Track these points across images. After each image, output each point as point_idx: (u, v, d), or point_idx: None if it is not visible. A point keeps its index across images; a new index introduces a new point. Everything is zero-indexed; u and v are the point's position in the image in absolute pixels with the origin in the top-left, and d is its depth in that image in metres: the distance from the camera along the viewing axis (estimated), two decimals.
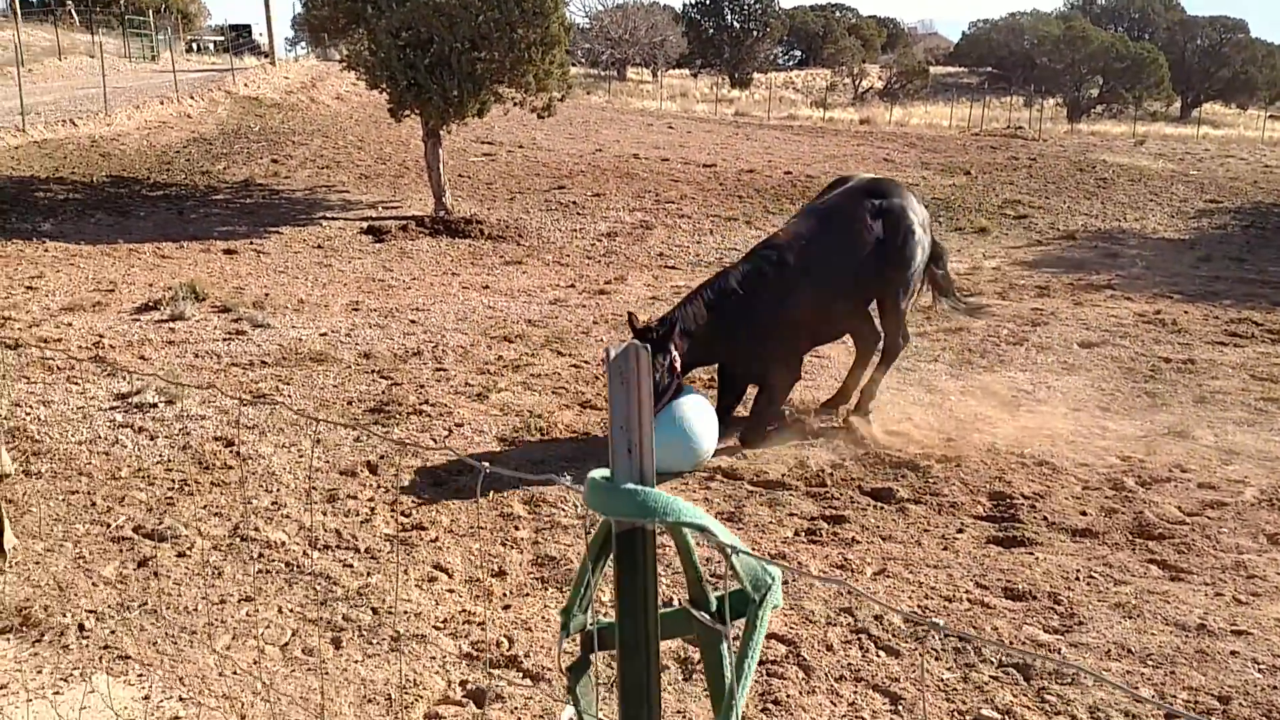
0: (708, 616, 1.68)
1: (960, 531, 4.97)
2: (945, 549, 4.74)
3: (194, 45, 45.42)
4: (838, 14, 72.28)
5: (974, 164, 22.79)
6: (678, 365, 5.77)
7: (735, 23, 60.92)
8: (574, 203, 16.51)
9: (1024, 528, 5.00)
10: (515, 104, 15.28)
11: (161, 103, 21.35)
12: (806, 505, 5.29)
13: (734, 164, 21.08)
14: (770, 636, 3.88)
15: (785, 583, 4.22)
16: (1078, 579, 4.40)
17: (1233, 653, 3.71)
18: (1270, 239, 15.57)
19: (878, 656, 3.74)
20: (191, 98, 22.23)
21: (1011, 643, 3.81)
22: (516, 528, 4.94)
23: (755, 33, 60.54)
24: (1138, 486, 5.62)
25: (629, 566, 1.61)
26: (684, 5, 62.60)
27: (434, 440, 6.19)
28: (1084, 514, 5.21)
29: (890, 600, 4.16)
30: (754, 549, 4.70)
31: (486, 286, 11.09)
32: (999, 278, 12.44)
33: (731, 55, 59.69)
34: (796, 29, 66.44)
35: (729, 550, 1.58)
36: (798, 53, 69.83)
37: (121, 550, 4.48)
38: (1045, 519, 5.12)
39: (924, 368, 8.23)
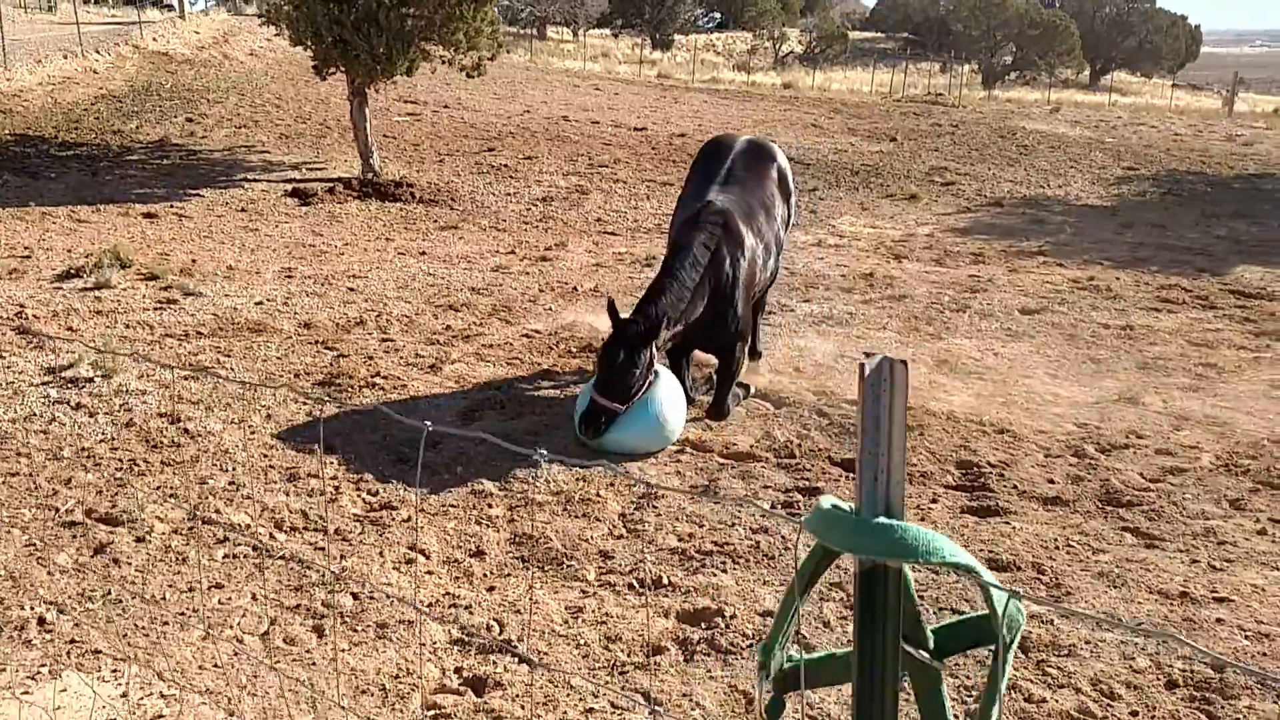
0: (926, 655, 1.54)
1: (934, 501, 5.00)
2: (923, 519, 4.75)
3: None
4: None
5: (899, 130, 23.03)
6: (655, 357, 5.63)
7: None
8: (505, 165, 16.18)
9: (996, 496, 5.05)
10: (444, 62, 14.86)
11: (65, 57, 20.23)
12: (779, 477, 5.26)
13: (665, 128, 20.92)
14: (767, 614, 3.84)
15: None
16: (1058, 548, 4.46)
17: (1219, 620, 3.80)
18: (1187, 206, 16.07)
19: None
20: (97, 52, 21.11)
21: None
22: (490, 505, 4.80)
23: None
24: (1099, 454, 5.72)
25: (871, 608, 1.46)
26: None
27: (390, 415, 5.98)
28: (1052, 482, 5.28)
29: None
30: (732, 520, 4.66)
31: (424, 253, 10.79)
32: (933, 244, 12.58)
33: (652, 16, 59.17)
34: None
35: (991, 588, 1.42)
36: (717, 15, 69.57)
37: (75, 536, 4.22)
38: (1015, 487, 5.18)
39: (873, 335, 8.27)
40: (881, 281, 10.23)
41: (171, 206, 12.08)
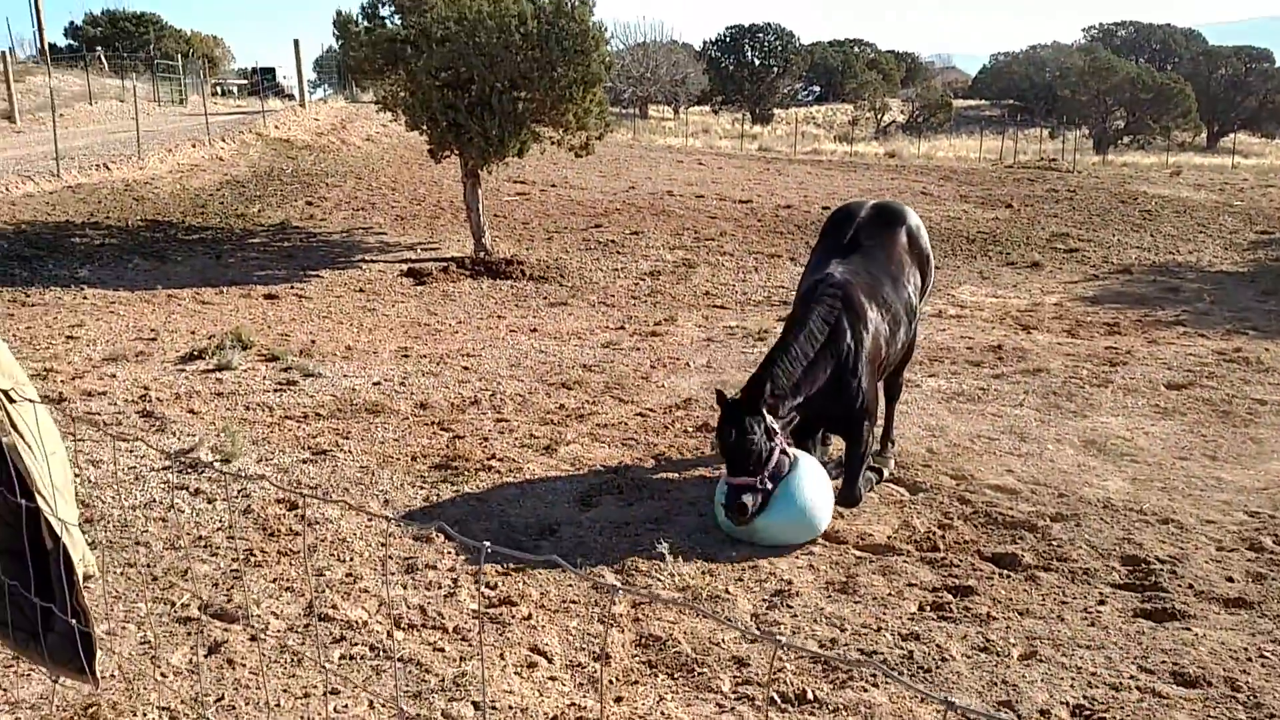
0: None
1: (1102, 604, 4.52)
2: (1092, 625, 4.28)
3: (220, 89, 45.72)
4: (856, 49, 72.38)
5: (1013, 196, 22.39)
6: (776, 429, 5.30)
7: (755, 59, 61.04)
8: (612, 241, 16.19)
9: (1170, 598, 4.54)
10: (554, 143, 15.02)
11: (193, 145, 21.25)
12: (924, 574, 4.85)
13: (769, 200, 20.76)
14: None
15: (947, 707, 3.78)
16: (1249, 659, 3.94)
17: None
18: None
19: None
20: (222, 140, 22.14)
21: None
22: (613, 602, 4.51)
23: (775, 69, 60.60)
24: (1278, 546, 5.15)
25: None
26: (704, 43, 62.82)
27: (507, 500, 5.79)
28: (1230, 580, 4.74)
29: (1051, 690, 3.70)
30: (877, 624, 4.27)
31: (535, 329, 10.73)
32: (1062, 314, 12.00)
33: (751, 91, 59.73)
34: (816, 64, 66.49)
35: None
36: (817, 88, 69.86)
37: (190, 634, 4.08)
38: (1191, 587, 4.66)
39: (1010, 413, 7.78)
40: (1011, 354, 9.72)
41: (292, 288, 12.35)
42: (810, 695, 3.72)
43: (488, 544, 1.81)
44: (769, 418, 5.21)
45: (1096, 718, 3.49)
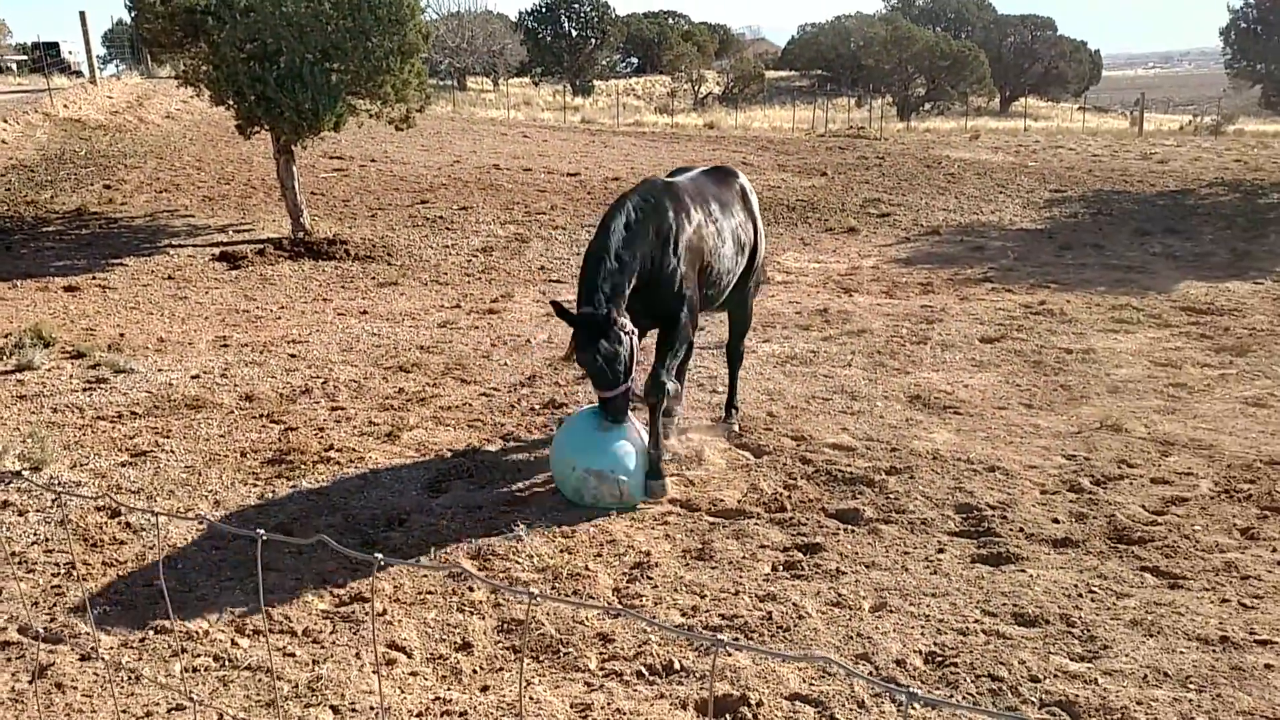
0: None
1: (942, 552, 4.74)
2: (934, 573, 4.49)
3: None
4: (670, 21, 73.11)
5: (828, 164, 23.19)
6: (628, 326, 5.14)
7: (572, 30, 60.75)
8: (441, 218, 15.80)
9: (1004, 542, 4.82)
10: (372, 116, 14.48)
11: None
12: (775, 534, 4.96)
13: (597, 172, 20.74)
14: (795, 697, 3.51)
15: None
16: (1080, 595, 4.23)
17: (1267, 666, 3.58)
18: (1119, 225, 16.33)
19: (915, 710, 3.43)
20: (4, 121, 20.27)
21: (1044, 677, 3.57)
22: (471, 589, 4.41)
23: (593, 40, 60.52)
24: (1096, 487, 5.55)
25: None
26: (520, 14, 62.05)
27: (350, 491, 5.57)
28: (1056, 521, 5.07)
29: (904, 640, 3.86)
30: (735, 588, 4.34)
31: (365, 312, 10.36)
32: (880, 276, 12.52)
33: (571, 63, 59.47)
34: (633, 36, 66.82)
35: None
36: (635, 60, 70.26)
37: (10, 659, 3.73)
38: (1021, 530, 4.96)
39: (840, 373, 8.05)
40: (837, 317, 10.07)
41: (93, 278, 11.46)
42: (677, 665, 3.74)
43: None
44: (620, 319, 5.07)
45: (949, 663, 3.66)
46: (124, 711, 3.44)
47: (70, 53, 42.36)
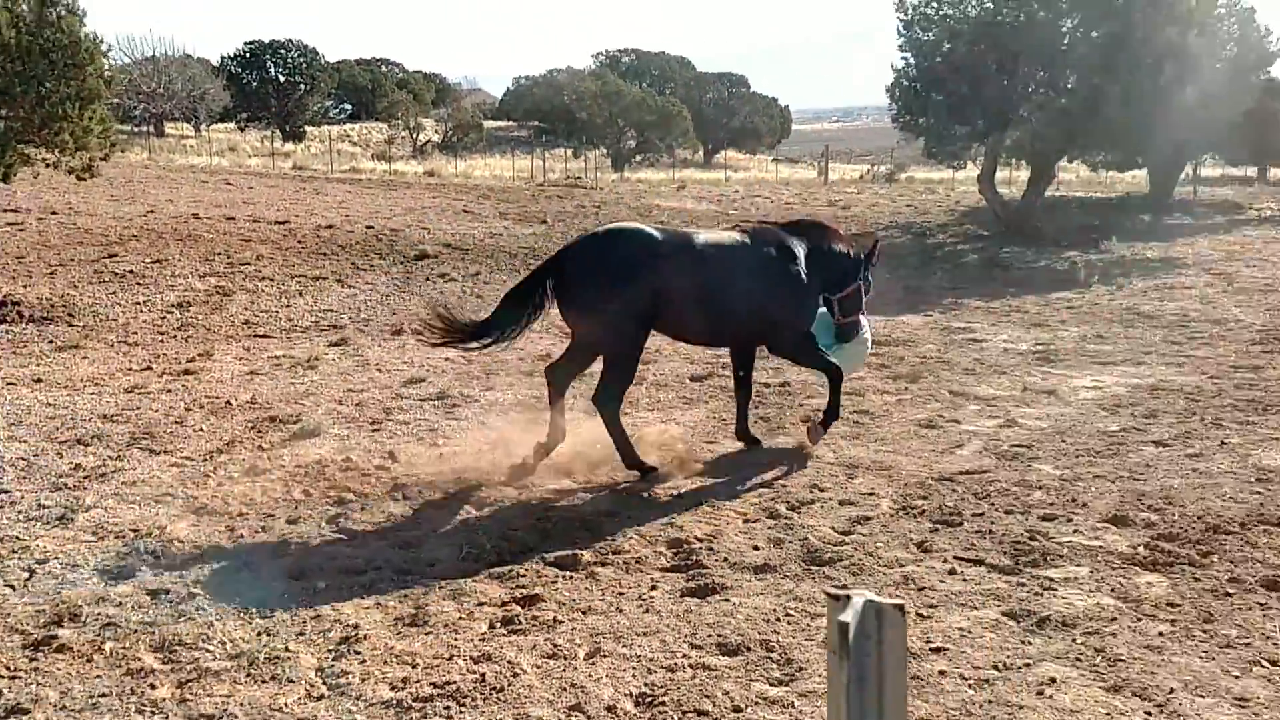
0: None
1: (654, 589, 4.83)
2: (647, 611, 4.56)
3: None
4: (384, 69, 72.15)
5: (547, 212, 23.60)
6: None
7: (280, 76, 58.48)
8: (131, 272, 14.56)
9: (710, 573, 4.98)
10: (50, 165, 13.17)
11: None
12: (494, 589, 4.87)
13: (309, 220, 19.94)
14: None
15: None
16: (779, 619, 4.43)
17: (941, 672, 3.89)
18: None
19: None
20: None
21: (745, 706, 3.70)
22: (153, 685, 4.00)
23: (303, 86, 58.54)
24: (791, 512, 5.87)
25: None
26: (222, 58, 58.99)
27: (9, 587, 4.93)
28: (757, 549, 5.31)
29: (615, 684, 3.88)
30: (449, 652, 4.21)
31: (39, 380, 9.31)
32: None
33: (279, 108, 57.16)
34: (345, 83, 65.27)
35: None
36: (349, 106, 68.59)
37: None
38: (725, 559, 5.15)
39: (569, 416, 8.10)
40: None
41: None
42: None
43: None
44: None
45: (658, 702, 3.71)
46: None
47: None
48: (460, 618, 4.56)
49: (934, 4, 20.92)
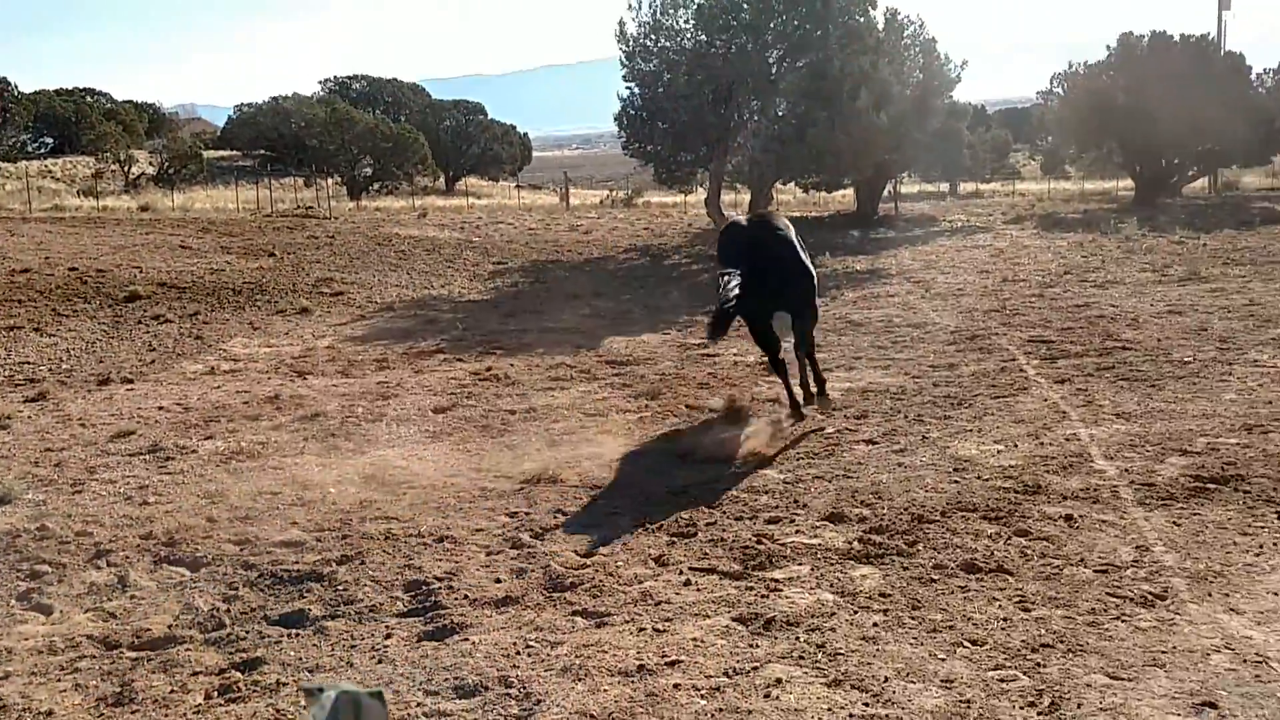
0: None
1: (389, 637, 4.64)
2: (380, 661, 4.36)
3: None
4: (89, 99, 66.48)
5: (275, 245, 22.52)
6: None
7: None
8: None
9: (449, 613, 4.84)
10: None
11: None
12: (210, 657, 4.50)
13: (1, 265, 17.98)
14: None
15: None
16: (518, 653, 4.36)
17: (676, 686, 3.95)
18: (555, 291, 17.82)
19: None
20: None
21: None
22: None
23: None
24: (534, 540, 5.83)
25: None
26: None
27: None
28: (498, 581, 5.22)
29: None
30: None
31: None
32: (335, 356, 12.30)
33: None
34: (44, 114, 59.55)
35: None
36: (50, 139, 62.59)
37: None
38: (466, 597, 5.03)
39: (291, 464, 7.69)
40: (290, 403, 9.67)
41: None
42: None
43: None
44: None
45: None
46: None
47: None
48: (171, 691, 4.18)
49: (653, 36, 21.75)
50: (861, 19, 21.85)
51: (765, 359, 8.86)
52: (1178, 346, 10.30)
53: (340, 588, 5.20)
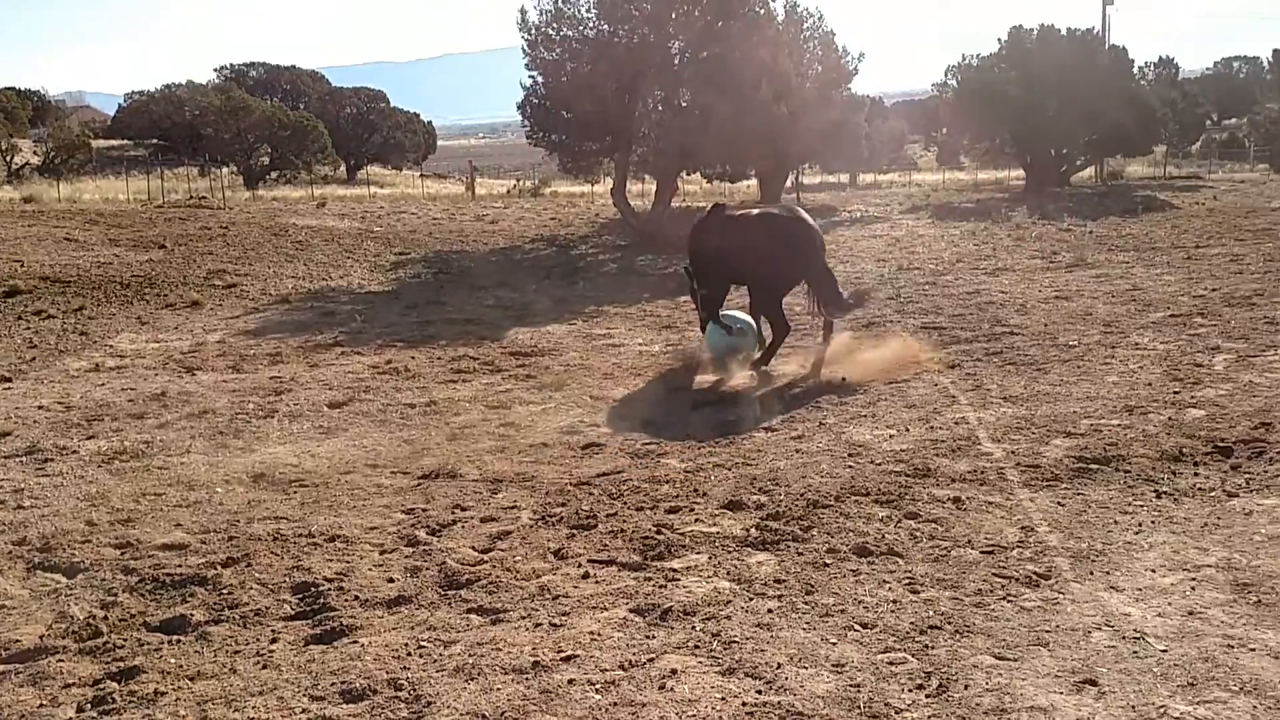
0: None
1: (275, 642, 4.48)
2: (265, 668, 4.21)
3: None
4: None
5: (166, 236, 21.71)
6: None
7: None
8: None
9: (339, 615, 4.71)
10: None
11: None
12: (85, 667, 4.29)
13: None
14: None
15: None
16: (410, 654, 4.26)
17: (570, 681, 3.91)
18: (459, 282, 17.56)
19: None
20: None
21: None
22: None
23: None
24: (430, 537, 5.72)
25: None
26: None
27: None
28: (391, 581, 5.11)
29: None
30: None
31: None
32: (226, 350, 11.90)
33: None
34: None
35: None
36: None
37: None
38: (357, 598, 4.90)
39: (177, 463, 7.42)
40: (177, 400, 9.32)
41: None
42: None
43: None
44: None
45: None
46: None
47: None
48: (40, 705, 3.97)
49: (555, 24, 21.57)
50: (761, 11, 22.04)
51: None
52: (1063, 331, 10.65)
53: (225, 591, 5.02)
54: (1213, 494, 5.73)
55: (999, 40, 37.05)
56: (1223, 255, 16.36)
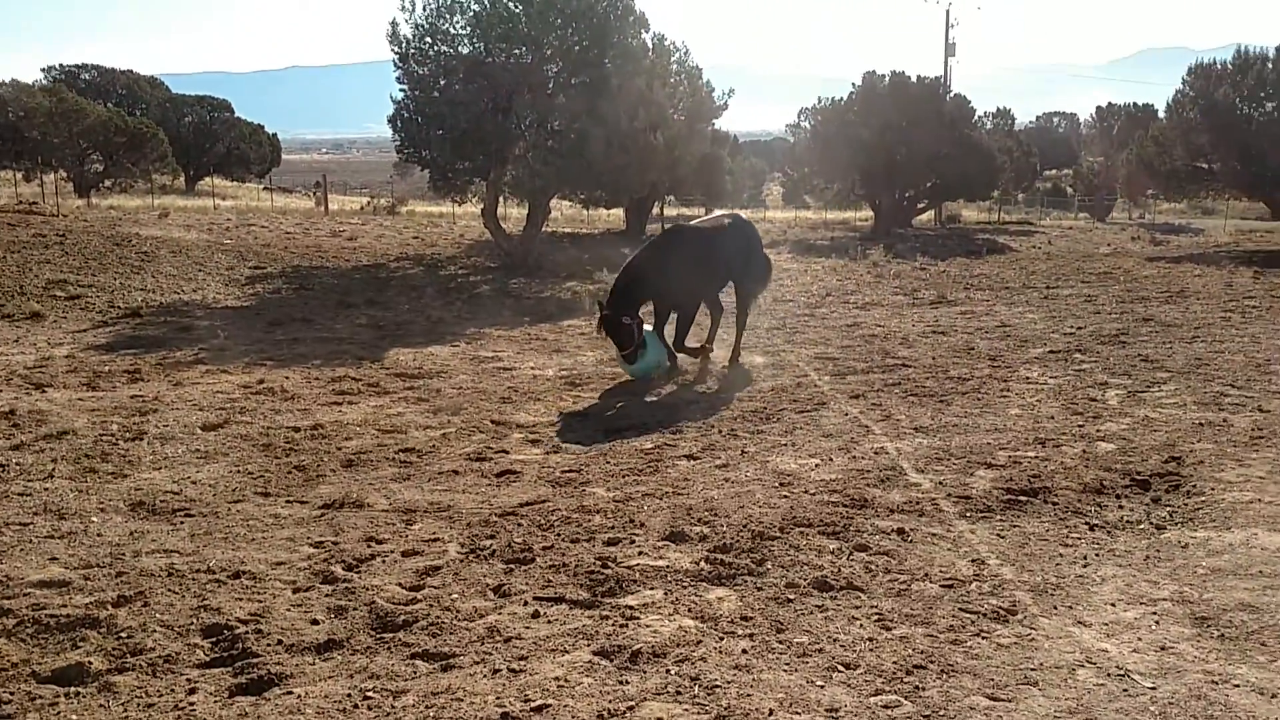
0: None
1: (193, 693, 3.94)
2: None
3: None
4: None
5: None
6: None
7: None
8: None
9: (264, 661, 4.19)
10: None
11: None
12: None
13: None
14: None
15: None
16: (356, 707, 3.81)
17: None
18: (324, 299, 16.71)
19: None
20: None
21: None
22: None
23: None
24: (349, 572, 5.23)
25: None
26: None
27: None
28: (316, 623, 4.61)
29: None
30: None
31: None
32: (78, 366, 10.87)
33: None
34: None
35: None
36: None
37: None
38: (280, 642, 4.38)
39: (40, 488, 6.61)
40: (29, 420, 8.38)
41: None
42: None
43: None
44: None
45: None
46: None
47: None
48: None
49: (428, 39, 20.99)
50: (635, 41, 22.06)
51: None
52: (952, 364, 10.91)
53: (123, 635, 4.41)
54: (1142, 527, 5.85)
55: (853, 85, 38.52)
56: (1075, 296, 17.27)
